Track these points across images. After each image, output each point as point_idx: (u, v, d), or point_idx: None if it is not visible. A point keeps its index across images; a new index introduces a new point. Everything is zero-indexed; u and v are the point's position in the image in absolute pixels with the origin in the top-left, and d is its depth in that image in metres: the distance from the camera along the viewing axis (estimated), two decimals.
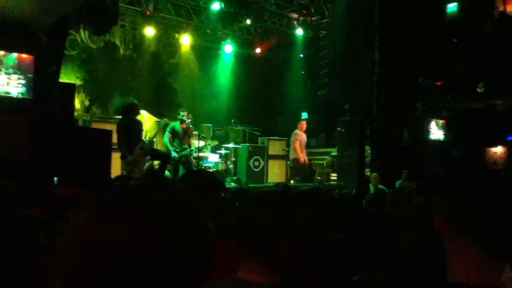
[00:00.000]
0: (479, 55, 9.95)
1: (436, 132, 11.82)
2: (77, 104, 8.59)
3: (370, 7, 10.43)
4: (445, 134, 11.81)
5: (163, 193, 0.74)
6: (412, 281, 1.69)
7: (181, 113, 8.84)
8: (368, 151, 11.18)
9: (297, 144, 10.28)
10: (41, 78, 6.61)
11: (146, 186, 0.76)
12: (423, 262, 1.65)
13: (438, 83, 11.34)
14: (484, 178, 1.12)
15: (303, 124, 10.38)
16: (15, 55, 6.53)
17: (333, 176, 11.28)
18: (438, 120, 11.72)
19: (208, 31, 11.52)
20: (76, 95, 7.99)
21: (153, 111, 10.71)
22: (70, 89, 7.14)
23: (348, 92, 11.78)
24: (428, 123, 11.50)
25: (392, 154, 10.66)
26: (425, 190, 6.98)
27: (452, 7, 10.75)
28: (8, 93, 6.51)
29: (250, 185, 9.58)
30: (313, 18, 11.56)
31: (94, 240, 0.66)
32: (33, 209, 2.36)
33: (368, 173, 10.41)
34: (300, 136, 10.41)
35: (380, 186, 8.97)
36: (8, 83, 6.51)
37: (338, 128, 11.35)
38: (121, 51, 10.60)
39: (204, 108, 11.91)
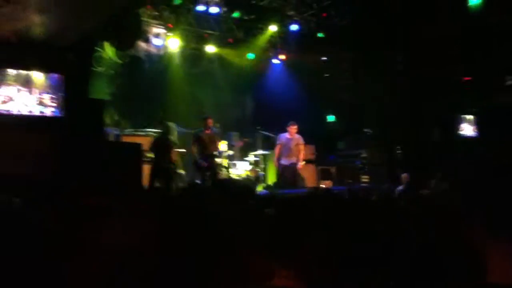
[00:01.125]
0: (506, 48, 9.70)
1: (466, 128, 11.55)
2: (107, 118, 8.79)
3: (390, 4, 10.33)
4: (476, 131, 11.53)
5: (196, 202, 0.75)
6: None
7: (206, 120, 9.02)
8: (398, 151, 11.05)
9: (276, 148, 9.93)
10: (72, 95, 6.82)
11: (181, 195, 0.78)
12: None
13: (466, 78, 11.10)
14: None
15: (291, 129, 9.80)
16: (45, 74, 6.76)
17: (364, 178, 11.15)
18: (468, 116, 11.46)
19: (230, 40, 11.62)
20: (105, 110, 8.18)
21: (181, 122, 10.85)
22: (99, 105, 7.33)
23: (373, 93, 11.67)
24: (458, 120, 11.26)
25: (422, 153, 10.49)
26: (457, 190, 6.82)
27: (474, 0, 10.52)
28: (42, 112, 6.73)
29: (281, 191, 9.56)
30: (334, 20, 11.51)
31: (120, 245, 0.68)
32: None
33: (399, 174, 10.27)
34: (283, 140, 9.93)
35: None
36: (41, 103, 6.73)
37: (365, 130, 11.25)
38: (147, 65, 10.79)
39: (230, 117, 11.99)
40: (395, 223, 2.38)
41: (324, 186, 10.52)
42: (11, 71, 6.52)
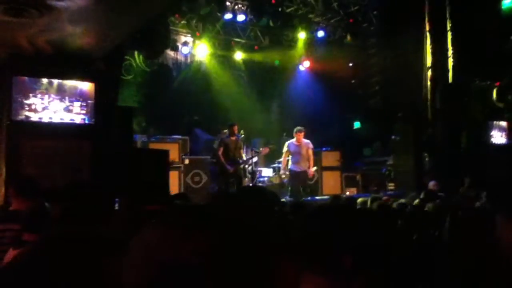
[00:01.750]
0: None
1: (497, 135, 11.28)
2: (135, 125, 8.95)
3: (419, 10, 10.21)
4: (508, 137, 11.24)
5: (233, 212, 0.75)
6: None
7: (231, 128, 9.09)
8: (426, 159, 10.86)
9: (283, 157, 9.82)
10: (101, 103, 6.95)
11: (217, 204, 0.78)
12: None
13: (497, 83, 10.85)
14: None
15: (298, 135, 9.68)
16: (77, 82, 6.91)
17: (390, 186, 11.00)
18: (499, 123, 11.19)
19: (256, 47, 11.69)
20: (133, 117, 8.33)
21: (207, 129, 10.97)
22: (128, 112, 7.45)
23: (401, 99, 11.53)
24: (488, 126, 11.01)
25: (451, 160, 10.28)
26: (488, 198, 6.67)
27: (507, 3, 10.30)
28: (73, 119, 6.89)
29: (305, 199, 9.53)
30: (361, 26, 11.46)
31: (164, 257, 0.68)
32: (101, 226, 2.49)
33: (427, 182, 10.10)
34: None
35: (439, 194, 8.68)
36: (71, 110, 6.89)
37: (393, 136, 11.10)
38: (174, 73, 10.97)
39: (256, 123, 12.04)
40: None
41: (348, 193, 10.43)
42: (44, 80, 6.70)
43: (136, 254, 0.72)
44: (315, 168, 9.76)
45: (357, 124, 12.67)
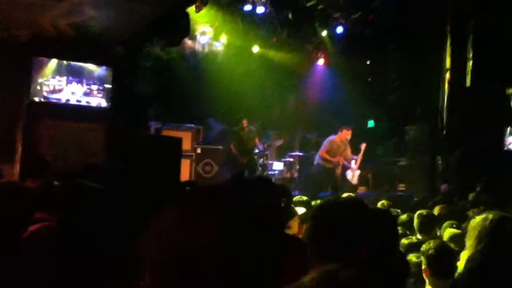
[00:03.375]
0: None
1: None
2: (150, 112, 9.03)
3: (442, 9, 10.09)
4: None
5: (247, 196, 0.76)
6: None
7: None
8: (439, 160, 10.78)
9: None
10: (118, 88, 7.03)
11: (231, 189, 0.79)
12: None
13: None
14: None
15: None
16: (95, 66, 7.00)
17: (401, 187, 10.94)
18: None
19: (274, 39, 11.65)
20: (149, 104, 8.39)
21: (222, 120, 11.00)
22: (144, 98, 7.51)
23: (418, 99, 11.44)
24: (504, 131, 10.87)
25: (465, 163, 10.19)
26: (500, 204, 6.61)
27: None
28: (89, 102, 6.98)
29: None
30: (382, 22, 11.34)
31: (178, 238, 0.70)
32: None
33: (439, 184, 10.04)
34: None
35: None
36: (89, 94, 6.98)
37: (407, 137, 11.03)
38: (192, 61, 10.98)
39: (271, 115, 12.04)
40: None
41: (358, 191, 10.41)
42: (64, 62, 6.79)
43: (154, 234, 0.74)
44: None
45: (371, 123, 12.60)
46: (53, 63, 6.74)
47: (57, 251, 1.67)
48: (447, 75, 10.27)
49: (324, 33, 11.48)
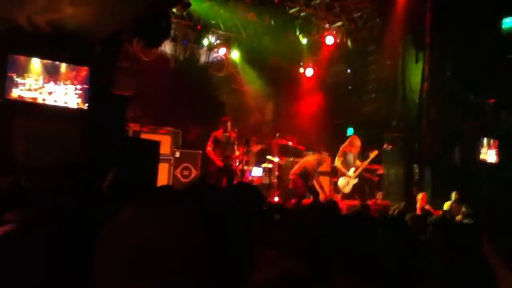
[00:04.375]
0: None
1: (488, 152, 11.36)
2: (128, 114, 8.90)
3: (420, 22, 10.25)
4: (498, 155, 11.32)
5: (211, 195, 0.75)
6: None
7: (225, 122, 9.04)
8: (416, 170, 10.91)
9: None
10: (96, 89, 6.90)
11: (194, 188, 0.77)
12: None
13: (491, 100, 10.92)
14: None
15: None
16: (73, 66, 6.85)
17: (378, 195, 11.03)
18: (491, 140, 11.27)
19: (255, 45, 11.67)
20: (128, 106, 8.26)
21: (200, 123, 10.92)
22: (123, 100, 7.39)
23: (395, 108, 11.59)
24: (480, 142, 11.08)
25: (441, 173, 10.34)
26: (475, 215, 6.71)
27: (508, 22, 10.37)
28: (66, 103, 6.82)
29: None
30: (362, 33, 11.48)
31: (141, 239, 0.67)
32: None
33: (415, 193, 10.15)
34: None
35: (427, 207, 8.72)
36: (66, 94, 6.83)
37: (385, 146, 11.13)
38: (172, 64, 10.92)
39: (249, 121, 12.02)
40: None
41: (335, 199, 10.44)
42: (41, 60, 6.63)
43: (109, 236, 0.71)
44: None
45: (350, 131, 12.69)
46: (29, 61, 6.58)
47: (29, 253, 1.60)
48: (425, 85, 10.42)
49: (305, 41, 11.54)
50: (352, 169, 9.92)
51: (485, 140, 10.97)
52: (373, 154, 10.07)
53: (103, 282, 0.69)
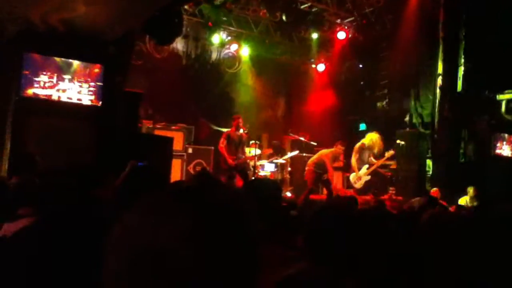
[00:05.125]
0: None
1: (504, 147, 11.23)
2: (141, 111, 8.96)
3: (433, 17, 10.15)
4: None
5: (214, 194, 0.74)
6: None
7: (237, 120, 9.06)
8: (429, 165, 10.82)
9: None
10: (109, 86, 6.95)
11: (197, 187, 0.77)
12: None
13: (506, 96, 10.78)
14: None
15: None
16: (86, 64, 6.92)
17: (391, 190, 10.97)
18: (506, 135, 11.13)
19: (266, 41, 11.65)
20: (140, 103, 8.32)
21: (212, 120, 10.96)
22: (136, 97, 7.45)
23: (408, 104, 11.50)
24: (495, 138, 10.95)
25: (454, 169, 10.25)
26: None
27: None
28: (80, 100, 6.90)
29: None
30: (374, 28, 11.40)
31: (144, 240, 0.68)
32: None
33: (429, 188, 10.07)
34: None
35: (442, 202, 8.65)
36: (80, 91, 6.90)
37: (398, 141, 11.05)
38: (184, 61, 10.96)
39: (261, 118, 12.02)
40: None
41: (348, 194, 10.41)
42: (55, 59, 6.70)
43: (116, 238, 0.72)
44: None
45: (362, 126, 12.64)
46: (43, 59, 6.65)
47: (41, 249, 1.63)
48: (439, 81, 10.32)
49: (317, 36, 11.49)
50: (365, 166, 9.87)
51: (500, 135, 10.85)
52: (388, 154, 10.01)
53: (111, 281, 0.70)
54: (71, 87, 6.87)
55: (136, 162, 3.22)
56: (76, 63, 6.87)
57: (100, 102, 7.01)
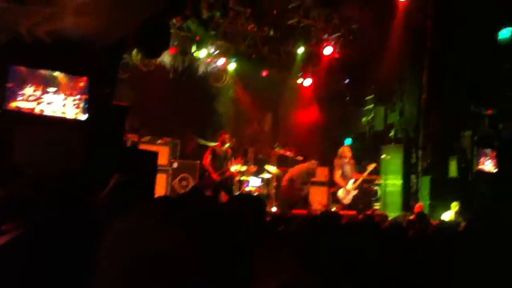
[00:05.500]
0: None
1: (486, 163, 11.39)
2: (127, 125, 8.86)
3: (420, 32, 10.32)
4: (495, 166, 11.35)
5: (206, 205, 0.76)
6: None
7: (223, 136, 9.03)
8: (414, 180, 10.92)
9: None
10: (95, 99, 6.85)
11: (190, 200, 0.77)
12: None
13: (489, 111, 10.98)
14: None
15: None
16: (72, 77, 6.81)
17: (376, 205, 11.02)
18: (488, 151, 11.31)
19: (254, 55, 11.69)
20: (127, 117, 8.23)
21: (198, 134, 10.90)
22: (123, 110, 7.36)
23: (393, 119, 11.62)
24: (478, 153, 11.12)
25: (439, 184, 10.36)
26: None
27: (504, 32, 10.46)
28: (64, 113, 6.78)
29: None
30: (361, 43, 11.54)
31: (139, 245, 0.68)
32: None
33: (413, 203, 10.16)
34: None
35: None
36: (65, 105, 6.78)
37: (383, 156, 11.14)
38: (171, 75, 10.92)
39: (247, 132, 12.01)
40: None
41: (334, 209, 10.41)
42: (40, 71, 6.59)
43: (110, 244, 0.71)
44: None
45: (347, 141, 12.71)
46: (28, 71, 6.54)
47: (27, 263, 1.59)
48: (423, 96, 10.47)
49: (304, 51, 11.57)
50: (352, 180, 9.89)
51: (484, 150, 11.02)
52: (371, 167, 10.05)
53: (104, 286, 0.70)
54: (56, 100, 6.75)
55: (119, 176, 3.16)
56: (61, 76, 6.75)
57: (86, 116, 6.89)
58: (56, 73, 6.69)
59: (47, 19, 5.02)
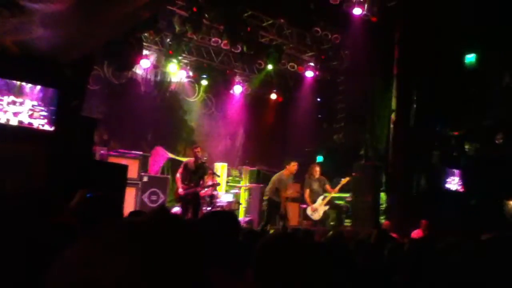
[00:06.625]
0: (498, 106, 9.94)
1: (453, 181, 11.66)
2: (96, 137, 8.73)
3: (389, 54, 10.56)
4: (462, 184, 11.63)
5: (168, 234, 0.71)
6: None
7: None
8: (383, 198, 11.06)
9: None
10: (63, 111, 6.74)
11: (151, 225, 0.73)
12: None
13: (456, 133, 11.28)
14: None
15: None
16: (40, 87, 6.69)
17: (347, 222, 11.10)
18: (455, 170, 11.58)
19: (227, 72, 11.75)
20: (95, 129, 8.11)
21: (169, 148, 10.82)
22: (91, 123, 7.26)
23: (364, 137, 11.79)
24: (445, 172, 11.37)
25: (408, 202, 10.51)
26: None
27: (470, 57, 10.83)
28: (32, 124, 6.64)
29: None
30: (332, 63, 11.74)
31: (81, 276, 0.64)
32: None
33: (382, 221, 10.26)
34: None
35: (393, 235, 8.79)
36: (31, 115, 6.65)
37: (353, 173, 11.26)
38: (143, 88, 10.86)
39: (219, 147, 11.99)
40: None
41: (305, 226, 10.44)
42: (6, 81, 6.46)
43: (57, 272, 0.68)
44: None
45: (319, 158, 12.82)
46: None
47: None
48: (393, 116, 10.67)
49: (274, 68, 11.68)
50: (320, 197, 9.95)
51: (450, 169, 11.27)
52: (344, 181, 10.15)
53: None
54: (23, 111, 6.62)
55: (85, 191, 3.09)
56: (29, 86, 6.64)
57: (53, 127, 6.77)
58: (24, 84, 6.58)
59: (13, 30, 4.95)
